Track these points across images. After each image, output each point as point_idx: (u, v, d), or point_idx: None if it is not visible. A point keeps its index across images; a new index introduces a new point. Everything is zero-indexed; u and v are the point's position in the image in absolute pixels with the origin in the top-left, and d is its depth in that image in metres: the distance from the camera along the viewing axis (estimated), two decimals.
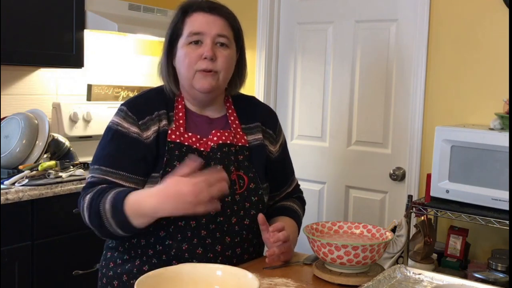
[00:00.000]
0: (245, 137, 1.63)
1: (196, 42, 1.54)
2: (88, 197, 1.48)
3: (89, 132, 2.99)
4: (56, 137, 2.72)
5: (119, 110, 1.58)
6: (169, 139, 1.53)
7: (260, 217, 1.50)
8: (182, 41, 1.56)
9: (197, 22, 1.55)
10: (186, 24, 1.56)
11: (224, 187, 1.36)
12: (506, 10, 2.45)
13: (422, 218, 2.37)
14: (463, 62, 2.60)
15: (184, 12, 1.58)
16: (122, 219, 1.41)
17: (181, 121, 1.57)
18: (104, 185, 1.49)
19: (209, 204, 1.34)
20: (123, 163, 1.51)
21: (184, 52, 1.55)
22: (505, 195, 2.12)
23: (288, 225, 1.61)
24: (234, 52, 1.60)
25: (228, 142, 1.58)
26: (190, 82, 1.56)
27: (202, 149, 1.56)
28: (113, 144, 1.54)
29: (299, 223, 1.71)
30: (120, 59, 3.31)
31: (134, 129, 1.53)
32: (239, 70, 1.65)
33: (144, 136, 1.53)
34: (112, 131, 1.55)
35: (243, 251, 1.57)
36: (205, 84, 1.54)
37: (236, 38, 1.61)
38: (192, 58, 1.54)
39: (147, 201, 1.39)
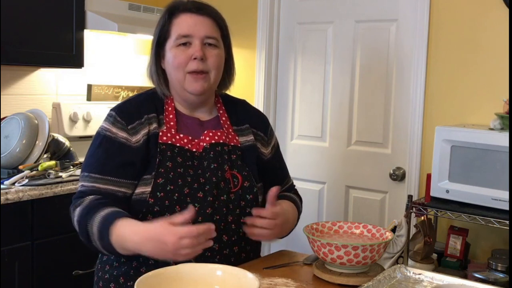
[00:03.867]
0: (236, 137, 1.63)
1: (185, 44, 1.55)
2: (77, 211, 1.49)
3: (89, 132, 2.99)
4: (56, 137, 2.72)
5: (108, 115, 1.58)
6: (160, 141, 1.53)
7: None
8: (170, 44, 1.56)
9: (184, 24, 1.55)
10: (174, 26, 1.56)
11: (209, 244, 1.35)
12: (506, 10, 2.45)
13: (422, 218, 2.37)
14: (463, 62, 2.60)
15: (170, 14, 1.57)
16: (108, 248, 1.43)
17: (172, 123, 1.57)
18: (92, 198, 1.49)
19: (189, 254, 1.32)
20: (110, 168, 1.52)
21: (173, 54, 1.55)
22: (505, 195, 2.12)
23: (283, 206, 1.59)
24: (223, 51, 1.61)
25: (221, 141, 1.59)
26: (182, 85, 1.56)
27: (194, 150, 1.56)
28: (101, 150, 1.55)
29: (297, 206, 1.71)
30: (120, 59, 3.31)
31: (122, 134, 1.54)
32: (227, 69, 1.65)
33: (133, 141, 1.53)
34: (100, 137, 1.56)
35: (240, 250, 1.57)
36: (197, 86, 1.55)
37: (223, 36, 1.61)
38: (182, 60, 1.54)
39: (131, 238, 1.38)
